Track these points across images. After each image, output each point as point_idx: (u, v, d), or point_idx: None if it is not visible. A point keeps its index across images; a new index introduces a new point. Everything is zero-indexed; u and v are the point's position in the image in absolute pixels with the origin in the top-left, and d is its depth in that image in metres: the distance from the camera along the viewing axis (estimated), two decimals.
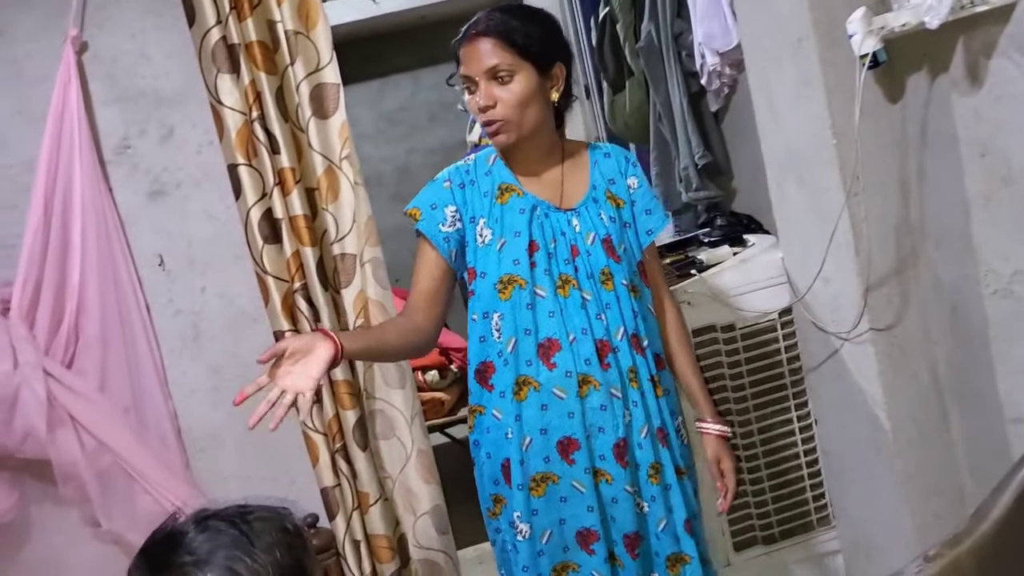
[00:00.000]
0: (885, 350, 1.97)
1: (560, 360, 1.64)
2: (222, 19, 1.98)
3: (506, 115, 1.59)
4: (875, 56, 1.73)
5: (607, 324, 1.66)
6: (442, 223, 1.66)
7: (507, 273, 1.64)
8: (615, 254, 1.68)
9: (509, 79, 1.57)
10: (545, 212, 1.67)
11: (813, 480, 2.34)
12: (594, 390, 1.64)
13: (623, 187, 1.75)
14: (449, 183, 1.69)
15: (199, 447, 2.17)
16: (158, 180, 2.11)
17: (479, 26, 1.59)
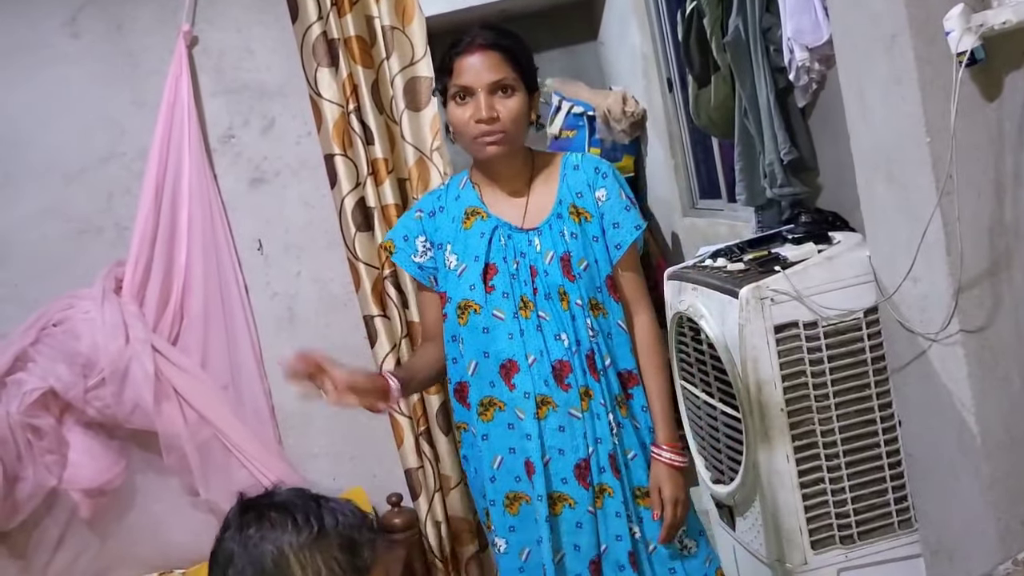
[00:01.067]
0: (975, 352, 1.94)
1: (519, 381, 1.65)
2: (323, 15, 2.07)
3: (506, 128, 1.61)
4: (972, 54, 1.70)
5: (568, 343, 1.65)
6: (414, 254, 1.73)
7: (464, 298, 1.67)
8: (571, 273, 1.66)
9: (511, 94, 1.61)
10: (508, 234, 1.68)
11: (895, 482, 2.31)
12: (552, 411, 1.65)
13: (591, 200, 1.72)
14: (420, 213, 1.74)
15: (291, 424, 2.27)
16: (259, 168, 2.21)
17: (485, 39, 1.62)
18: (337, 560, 1.03)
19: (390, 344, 2.14)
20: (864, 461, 2.30)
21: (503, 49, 1.61)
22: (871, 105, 2.09)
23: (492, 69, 1.59)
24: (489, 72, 1.59)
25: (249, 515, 1.05)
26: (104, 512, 2.18)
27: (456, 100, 1.62)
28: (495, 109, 1.59)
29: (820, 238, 2.52)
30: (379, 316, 2.13)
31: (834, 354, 2.28)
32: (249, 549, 1.02)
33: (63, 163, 2.20)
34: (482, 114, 1.58)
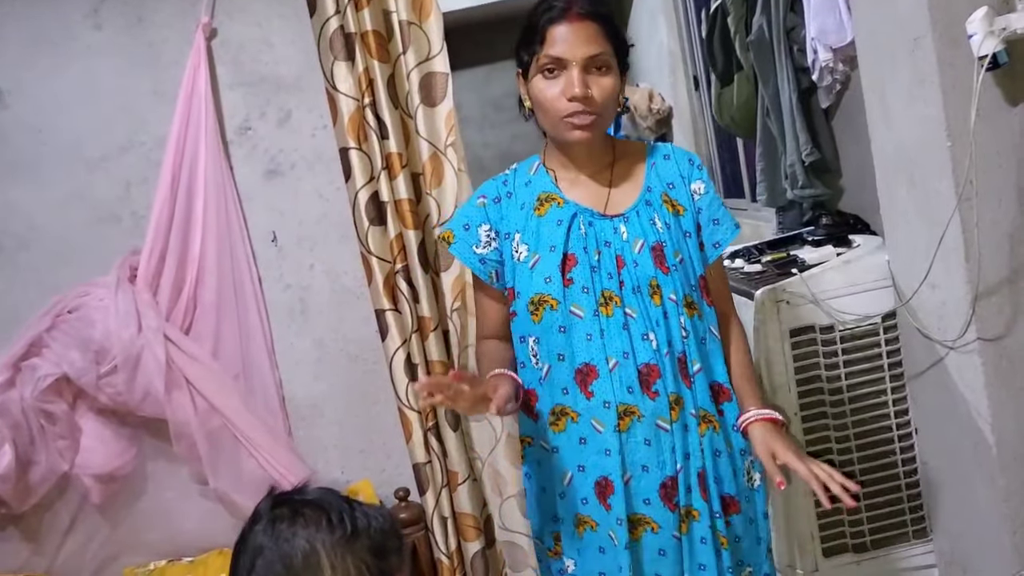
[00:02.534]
0: (993, 361, 1.91)
1: (598, 389, 1.46)
2: (340, 9, 2.07)
3: (599, 109, 1.43)
4: (995, 57, 1.67)
5: (657, 345, 1.47)
6: (476, 244, 1.55)
7: (538, 293, 1.48)
8: (664, 264, 1.48)
9: (605, 72, 1.43)
10: (588, 221, 1.50)
11: (911, 490, 2.28)
12: (637, 422, 1.46)
13: (685, 192, 1.55)
14: (484, 199, 1.56)
15: (301, 416, 2.28)
16: (274, 160, 2.23)
17: (583, 6, 1.42)
18: (366, 563, 1.02)
19: (401, 338, 2.14)
20: (879, 468, 2.27)
21: (602, 20, 1.43)
22: (893, 107, 2.06)
23: (590, 42, 1.40)
24: (587, 45, 1.40)
25: (282, 509, 1.05)
26: (114, 498, 2.20)
27: (545, 73, 1.43)
28: (589, 86, 1.41)
29: (840, 241, 2.49)
30: (390, 310, 2.13)
31: (850, 359, 2.25)
32: (280, 543, 1.01)
33: (85, 151, 2.23)
34: (575, 91, 1.40)
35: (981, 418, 1.95)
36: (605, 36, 1.42)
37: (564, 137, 1.47)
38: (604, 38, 1.42)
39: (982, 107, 1.76)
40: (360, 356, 2.27)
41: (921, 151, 1.97)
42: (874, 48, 2.09)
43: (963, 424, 2.02)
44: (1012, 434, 1.92)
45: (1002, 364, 1.91)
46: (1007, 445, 1.92)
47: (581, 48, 1.41)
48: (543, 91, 1.44)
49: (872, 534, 2.29)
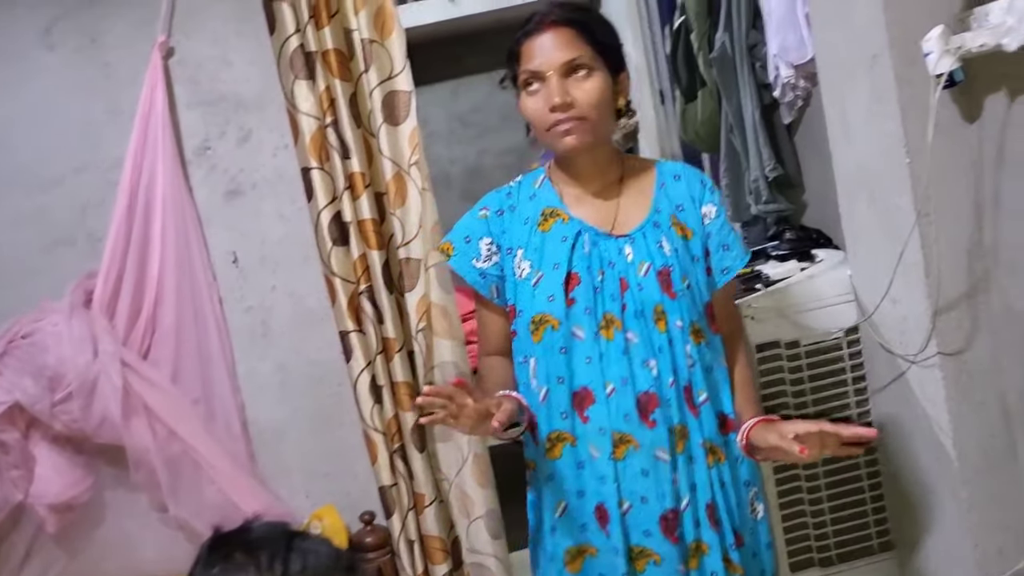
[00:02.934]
0: (953, 376, 1.93)
1: (593, 414, 1.43)
2: (301, 27, 2.05)
3: (584, 113, 1.39)
4: (951, 75, 1.69)
5: (658, 373, 1.42)
6: (476, 258, 1.50)
7: (539, 312, 1.44)
8: (671, 289, 1.44)
9: (587, 75, 1.39)
10: (593, 240, 1.46)
11: (876, 503, 2.29)
12: (633, 451, 1.42)
13: (695, 215, 1.51)
14: (486, 211, 1.52)
15: (264, 440, 2.24)
16: (235, 180, 2.20)
17: (554, 14, 1.40)
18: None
19: (365, 360, 2.12)
20: (844, 483, 2.28)
21: (576, 24, 1.40)
22: (853, 124, 2.08)
23: (564, 47, 1.38)
24: (560, 51, 1.37)
25: (217, 553, 1.02)
26: (72, 528, 2.15)
27: (528, 88, 1.41)
28: (568, 93, 1.38)
29: (803, 256, 2.51)
30: (354, 331, 2.11)
31: (815, 374, 2.26)
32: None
33: (39, 173, 2.18)
34: (555, 99, 1.37)
35: (943, 432, 1.97)
36: (581, 39, 1.40)
37: (557, 148, 1.44)
38: (580, 41, 1.39)
39: (939, 124, 1.78)
40: (324, 379, 2.24)
41: (881, 167, 1.99)
42: (834, 65, 2.12)
43: (925, 438, 2.03)
44: (973, 447, 1.93)
45: (962, 378, 1.92)
46: (968, 458, 1.94)
47: (555, 55, 1.38)
48: (528, 107, 1.42)
49: (838, 548, 2.30)
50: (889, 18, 1.85)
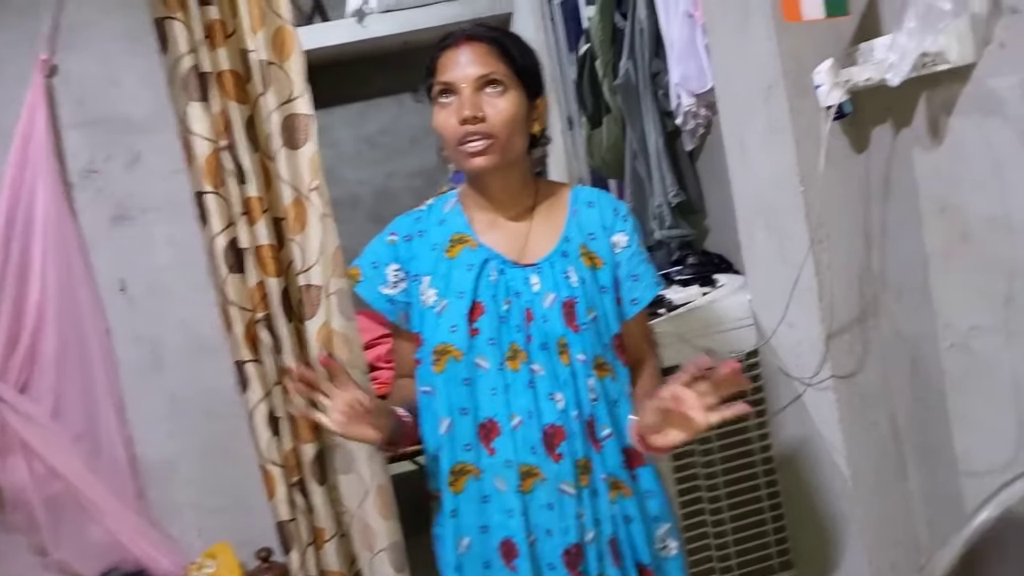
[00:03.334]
0: (846, 398, 1.98)
1: (500, 446, 1.40)
2: (194, 47, 1.98)
3: (494, 131, 1.35)
4: (841, 107, 1.75)
5: (564, 405, 1.40)
6: (383, 284, 1.48)
7: (442, 342, 1.41)
8: (574, 322, 1.41)
9: (502, 92, 1.36)
10: (500, 268, 1.43)
11: (776, 523, 2.34)
12: (540, 484, 1.40)
13: (605, 244, 1.47)
14: (394, 236, 1.50)
15: (153, 476, 2.14)
16: (123, 205, 2.10)
17: (473, 31, 1.39)
18: None
19: (263, 391, 2.04)
20: (746, 503, 2.32)
21: (495, 42, 1.38)
22: (750, 152, 2.13)
23: (479, 62, 1.35)
24: (475, 66, 1.35)
25: None
26: None
27: (440, 101, 1.38)
28: (480, 107, 1.34)
29: (705, 280, 2.55)
30: (251, 361, 2.03)
31: None
32: None
33: None
34: (465, 112, 1.33)
35: (837, 452, 2.02)
36: (498, 56, 1.37)
37: (464, 166, 1.40)
38: (496, 59, 1.37)
39: (831, 154, 1.84)
40: (218, 411, 2.15)
41: (777, 195, 2.04)
42: (732, 95, 2.17)
43: (821, 459, 2.08)
44: (866, 468, 1.99)
45: (854, 400, 1.98)
46: (861, 478, 1.99)
47: (470, 69, 1.36)
48: (439, 119, 1.38)
49: (740, 568, 2.33)
50: (783, 50, 1.90)
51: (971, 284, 1.64)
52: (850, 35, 1.82)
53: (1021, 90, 1.44)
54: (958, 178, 1.61)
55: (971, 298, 1.64)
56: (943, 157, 1.64)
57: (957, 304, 1.69)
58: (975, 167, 1.57)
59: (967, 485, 1.76)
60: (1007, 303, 1.57)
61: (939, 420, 1.80)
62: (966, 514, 1.61)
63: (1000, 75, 1.47)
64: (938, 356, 1.76)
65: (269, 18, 1.99)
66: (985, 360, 1.65)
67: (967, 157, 1.58)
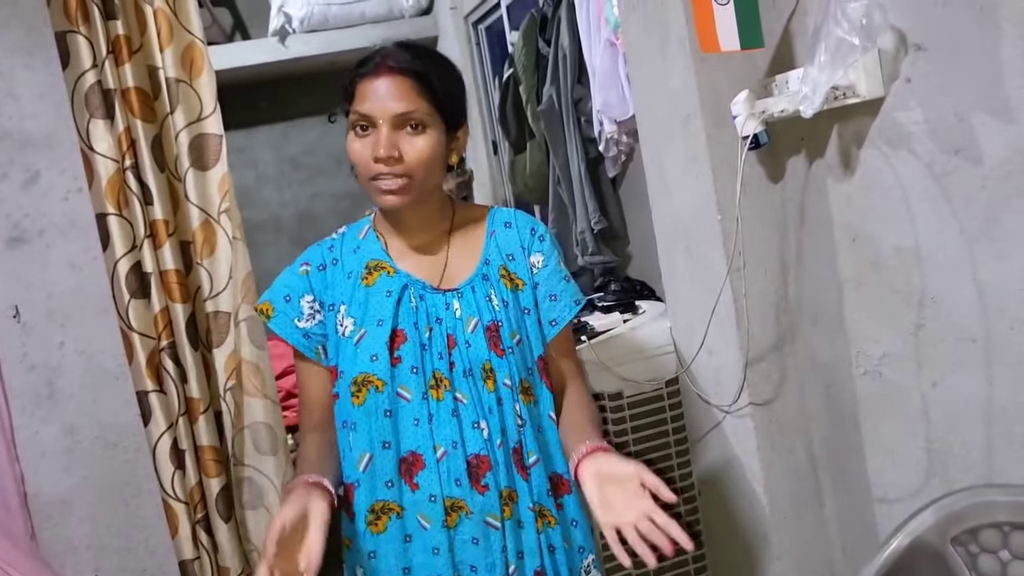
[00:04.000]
0: (763, 425, 1.99)
1: (424, 480, 1.35)
2: (98, 62, 1.89)
3: (409, 171, 1.31)
4: (757, 137, 1.77)
5: (488, 434, 1.36)
6: (298, 318, 1.41)
7: (362, 372, 1.35)
8: (499, 346, 1.38)
9: (420, 131, 1.32)
10: (419, 294, 1.39)
11: (696, 551, 2.33)
12: (465, 518, 1.35)
13: (524, 265, 1.44)
14: (307, 267, 1.44)
15: (47, 514, 2.01)
16: (19, 227, 1.98)
17: (394, 60, 1.33)
18: None
19: (166, 422, 1.94)
20: None
21: (417, 75, 1.32)
22: (670, 180, 2.14)
23: (399, 98, 1.30)
24: (396, 102, 1.30)
25: None
26: None
27: (357, 130, 1.33)
28: (397, 147, 1.31)
29: (627, 307, 2.55)
30: (154, 391, 1.94)
31: (637, 424, 2.28)
32: None
33: None
34: (380, 151, 1.29)
35: (755, 479, 2.03)
36: (420, 92, 1.32)
37: (376, 202, 1.36)
38: (418, 95, 1.32)
39: (746, 183, 1.86)
40: (119, 443, 2.04)
41: (695, 222, 2.05)
42: (652, 123, 2.18)
43: (740, 486, 2.09)
44: (782, 494, 2.00)
45: (771, 427, 1.99)
46: (778, 505, 2.00)
47: (390, 104, 1.31)
48: (354, 150, 1.34)
49: None
50: (700, 81, 1.92)
51: (883, 312, 1.66)
52: (766, 67, 1.85)
53: (927, 124, 1.48)
54: (869, 208, 1.64)
55: (883, 326, 1.67)
56: (855, 187, 1.67)
57: (869, 331, 1.71)
58: (885, 198, 1.60)
59: (880, 511, 1.78)
60: (917, 331, 1.60)
61: (854, 447, 1.82)
62: (879, 540, 1.63)
63: (907, 109, 1.51)
64: (852, 383, 1.78)
65: (179, 34, 1.92)
66: (896, 387, 1.68)
67: (877, 188, 1.61)
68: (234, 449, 1.99)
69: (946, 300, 1.52)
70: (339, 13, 4.43)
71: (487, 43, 4.24)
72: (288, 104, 5.22)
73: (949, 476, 1.59)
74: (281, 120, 5.32)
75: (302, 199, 5.35)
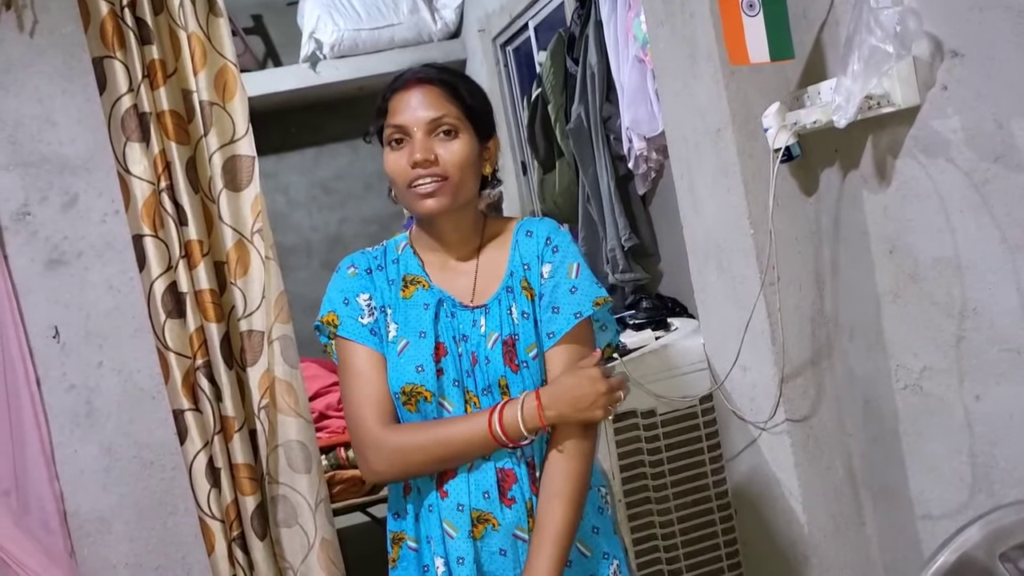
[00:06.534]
0: (801, 442, 1.96)
1: (453, 489, 1.36)
2: (134, 87, 1.93)
3: (446, 172, 1.34)
4: (789, 150, 1.75)
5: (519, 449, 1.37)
6: (360, 315, 1.41)
7: (409, 383, 1.36)
8: (514, 361, 1.37)
9: (454, 135, 1.36)
10: (451, 311, 1.41)
11: (733, 571, 2.29)
12: (492, 531, 1.35)
13: (537, 275, 1.42)
14: (354, 269, 1.45)
15: (86, 532, 2.02)
16: (58, 249, 2.02)
17: (423, 74, 1.39)
18: None
19: (202, 441, 1.96)
20: (702, 551, 2.27)
21: (445, 84, 1.38)
22: (701, 196, 2.13)
23: (430, 106, 1.35)
24: (427, 109, 1.35)
25: None
26: None
27: (392, 144, 1.37)
28: (432, 151, 1.34)
29: (659, 324, 2.54)
30: (190, 410, 1.96)
31: (671, 443, 2.26)
32: None
33: None
34: (416, 155, 1.33)
35: (793, 497, 1.99)
36: (449, 99, 1.37)
37: (415, 209, 1.38)
38: (448, 102, 1.36)
39: (780, 197, 1.84)
40: (156, 462, 2.05)
41: (727, 238, 2.04)
42: (681, 139, 2.17)
43: (777, 503, 2.05)
44: (821, 512, 1.96)
45: (809, 444, 1.96)
46: (817, 523, 1.96)
47: (421, 113, 1.35)
48: (390, 163, 1.37)
49: None
50: (730, 94, 1.91)
51: (922, 324, 1.63)
52: (796, 78, 1.84)
53: (965, 132, 1.46)
54: (906, 219, 1.62)
55: (922, 339, 1.64)
56: (891, 198, 1.64)
57: (909, 345, 1.68)
58: (923, 208, 1.57)
59: (924, 528, 1.74)
60: (958, 343, 1.57)
61: (895, 463, 1.78)
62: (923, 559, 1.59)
63: (944, 117, 1.49)
64: (892, 397, 1.75)
65: (212, 58, 1.95)
66: (938, 401, 1.64)
67: (914, 198, 1.59)
68: (268, 467, 1.99)
69: (988, 311, 1.49)
70: (368, 38, 4.49)
71: (515, 64, 4.26)
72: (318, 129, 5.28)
73: (995, 491, 1.55)
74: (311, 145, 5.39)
75: (332, 223, 5.40)
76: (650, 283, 3.01)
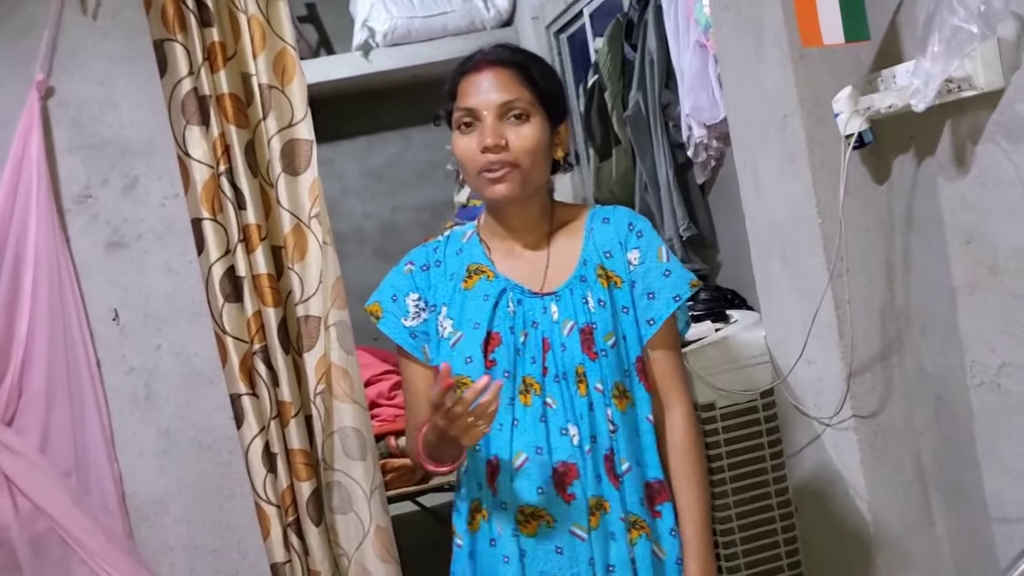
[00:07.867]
0: (868, 439, 1.90)
1: (501, 486, 1.34)
2: (194, 70, 1.94)
3: (517, 159, 1.31)
4: (861, 136, 1.69)
5: (579, 440, 1.33)
6: (405, 317, 1.41)
7: (458, 375, 1.32)
8: (592, 349, 1.34)
9: (524, 120, 1.32)
10: (517, 298, 1.38)
11: (792, 570, 2.24)
12: (546, 527, 1.32)
13: (622, 261, 1.39)
14: (411, 266, 1.44)
15: (144, 514, 2.05)
16: (118, 231, 2.04)
17: (496, 54, 1.35)
18: None
19: (258, 426, 1.97)
20: (761, 549, 2.22)
21: (517, 66, 1.34)
22: (765, 184, 2.07)
23: (502, 89, 1.32)
24: (498, 92, 1.32)
25: None
26: None
27: (462, 128, 1.34)
28: (503, 136, 1.31)
29: (718, 316, 2.48)
30: (247, 395, 1.96)
31: (731, 437, 2.21)
32: None
33: None
34: (487, 140, 1.30)
35: (858, 496, 1.93)
36: (521, 82, 1.33)
37: (485, 195, 1.36)
38: (520, 84, 1.33)
39: (850, 185, 1.78)
40: (212, 446, 2.08)
41: (793, 227, 1.98)
42: (745, 125, 2.11)
43: (841, 502, 1.99)
44: (888, 512, 1.90)
45: (877, 441, 1.90)
46: (883, 523, 1.90)
47: (492, 96, 1.32)
48: (460, 146, 1.35)
49: None
50: (799, 79, 1.85)
51: (1001, 318, 1.56)
52: (869, 62, 1.77)
53: None
54: (985, 208, 1.55)
55: (1001, 333, 1.57)
56: (969, 186, 1.57)
57: (986, 340, 1.61)
58: (1004, 196, 1.50)
59: (999, 531, 1.67)
60: None
61: (968, 462, 1.71)
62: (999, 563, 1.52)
63: None
64: (966, 394, 1.68)
65: (271, 41, 1.95)
66: (1017, 399, 1.57)
67: (995, 185, 1.52)
68: (324, 453, 2.00)
69: None
70: (422, 26, 4.47)
71: (569, 52, 4.22)
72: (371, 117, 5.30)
73: None
74: (364, 134, 5.41)
75: (385, 211, 5.41)
76: (708, 274, 2.95)
